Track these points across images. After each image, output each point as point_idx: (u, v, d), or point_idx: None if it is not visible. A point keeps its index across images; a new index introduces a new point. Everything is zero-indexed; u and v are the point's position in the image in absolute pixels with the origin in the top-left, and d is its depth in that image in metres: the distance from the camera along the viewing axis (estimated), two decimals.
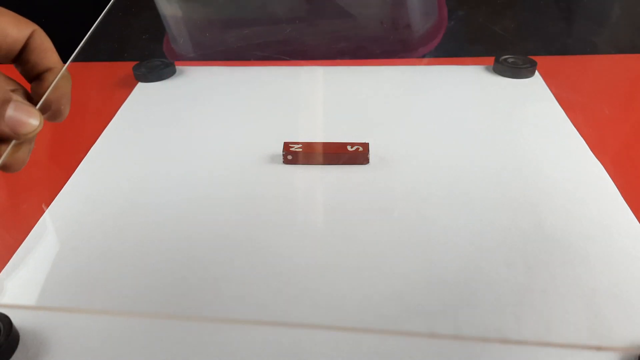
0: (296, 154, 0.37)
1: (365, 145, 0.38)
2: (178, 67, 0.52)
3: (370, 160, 0.38)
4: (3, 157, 0.26)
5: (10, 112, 0.26)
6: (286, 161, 0.37)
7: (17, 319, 0.26)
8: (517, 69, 0.49)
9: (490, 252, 0.30)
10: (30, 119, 0.26)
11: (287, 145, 0.37)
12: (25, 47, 0.28)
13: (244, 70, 0.52)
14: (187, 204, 0.34)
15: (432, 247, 0.30)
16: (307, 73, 0.51)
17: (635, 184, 0.36)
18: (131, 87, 0.49)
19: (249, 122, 0.43)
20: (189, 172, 0.37)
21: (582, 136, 0.40)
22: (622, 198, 0.34)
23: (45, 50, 0.28)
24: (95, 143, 0.41)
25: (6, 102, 0.25)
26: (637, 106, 0.47)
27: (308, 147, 0.37)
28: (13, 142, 0.26)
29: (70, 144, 0.40)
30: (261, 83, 0.49)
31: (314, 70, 0.52)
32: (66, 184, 0.36)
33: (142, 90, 0.49)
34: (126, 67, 0.53)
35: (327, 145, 0.38)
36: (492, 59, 0.51)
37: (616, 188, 0.35)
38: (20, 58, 0.28)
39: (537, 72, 0.50)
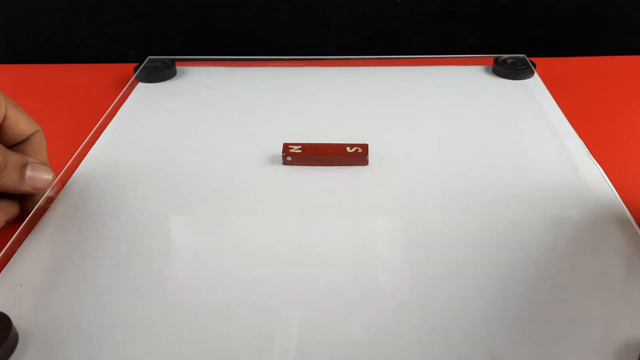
0: (295, 155, 0.37)
1: (365, 147, 0.38)
2: (178, 67, 0.52)
3: (369, 162, 0.38)
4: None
5: (29, 172, 0.31)
6: (285, 162, 0.38)
7: (16, 318, 0.26)
8: (517, 70, 0.49)
9: (490, 252, 0.30)
10: (45, 175, 0.32)
11: (286, 147, 0.38)
12: (26, 140, 0.33)
13: (244, 70, 0.52)
14: (186, 204, 0.34)
15: (432, 248, 0.31)
16: (308, 73, 0.51)
17: (634, 185, 0.36)
18: (131, 88, 0.49)
19: (249, 123, 0.43)
20: (187, 172, 0.37)
21: (580, 138, 0.40)
22: (620, 200, 0.34)
23: (40, 147, 0.34)
24: (95, 143, 0.41)
25: (25, 165, 0.31)
26: (636, 108, 0.47)
27: (307, 148, 0.37)
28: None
29: (70, 144, 0.40)
30: (261, 83, 0.49)
31: (314, 71, 0.52)
32: (65, 185, 0.36)
33: (143, 91, 0.49)
34: (126, 68, 0.53)
35: (326, 147, 0.38)
36: (491, 59, 0.51)
37: (615, 190, 0.35)
38: (17, 147, 0.33)
39: (536, 74, 0.50)
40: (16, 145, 0.33)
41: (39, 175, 0.32)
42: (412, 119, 0.43)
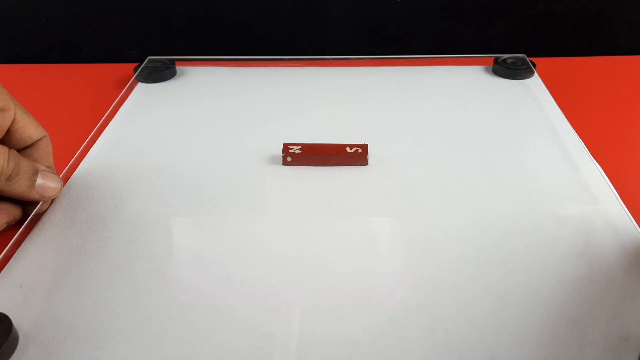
0: (295, 156, 0.37)
1: (365, 147, 0.38)
2: (178, 68, 0.52)
3: (369, 162, 0.38)
4: (32, 213, 0.33)
5: (40, 180, 0.32)
6: (285, 162, 0.38)
7: (17, 319, 0.26)
8: (517, 70, 0.49)
9: (490, 253, 0.30)
10: (53, 184, 0.33)
11: (286, 147, 0.38)
12: (33, 145, 0.34)
13: (244, 70, 0.52)
14: (186, 204, 0.34)
15: (431, 248, 0.31)
16: (307, 73, 0.51)
17: (634, 185, 0.36)
18: (131, 88, 0.49)
19: (249, 123, 0.43)
20: (187, 172, 0.37)
21: (580, 138, 0.40)
22: (620, 200, 0.34)
23: (47, 153, 0.34)
24: (95, 143, 0.41)
25: (35, 173, 0.32)
26: (636, 108, 0.47)
27: (307, 148, 0.37)
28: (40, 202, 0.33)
29: (70, 144, 0.40)
30: (261, 83, 0.49)
31: (313, 71, 0.52)
32: (65, 185, 0.36)
33: (143, 91, 0.49)
34: (126, 68, 0.53)
35: (326, 147, 0.38)
36: (491, 59, 0.51)
37: (615, 190, 0.35)
38: (24, 152, 0.33)
39: (536, 74, 0.50)
40: (22, 150, 0.33)
41: (49, 184, 0.32)
42: (412, 119, 0.43)
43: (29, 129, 0.33)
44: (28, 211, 0.33)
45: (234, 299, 0.28)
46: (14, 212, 0.32)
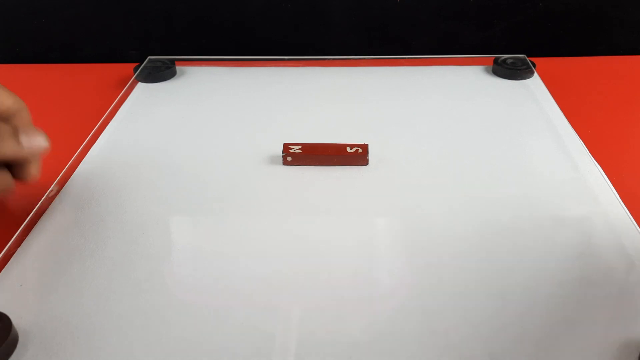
0: (295, 155, 0.37)
1: (365, 147, 0.38)
2: (179, 67, 0.52)
3: (369, 162, 0.38)
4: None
5: (24, 137, 0.30)
6: (286, 162, 0.38)
7: (16, 318, 0.26)
8: (517, 70, 0.49)
9: (490, 253, 0.30)
10: (39, 137, 0.31)
11: (286, 147, 0.38)
12: (10, 116, 0.31)
13: (245, 70, 0.52)
14: (186, 204, 0.34)
15: (431, 248, 0.31)
16: (307, 73, 0.51)
17: (634, 185, 0.36)
18: (131, 88, 0.49)
19: (249, 123, 0.43)
20: (188, 172, 0.37)
21: (580, 138, 0.40)
22: (620, 200, 0.34)
23: (26, 122, 0.32)
24: (95, 143, 0.41)
25: (16, 131, 0.30)
26: (636, 108, 0.47)
27: (307, 148, 0.37)
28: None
29: (70, 144, 0.40)
30: (261, 83, 0.49)
31: (314, 71, 0.52)
32: (65, 185, 0.36)
33: (143, 91, 0.49)
34: (126, 68, 0.53)
35: (326, 147, 0.38)
36: (491, 59, 0.51)
37: (615, 190, 0.35)
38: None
39: (536, 74, 0.50)
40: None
41: (35, 138, 0.31)
42: (412, 119, 0.43)
43: (2, 98, 0.31)
44: (20, 176, 0.32)
45: (234, 299, 0.28)
46: (4, 179, 0.31)
